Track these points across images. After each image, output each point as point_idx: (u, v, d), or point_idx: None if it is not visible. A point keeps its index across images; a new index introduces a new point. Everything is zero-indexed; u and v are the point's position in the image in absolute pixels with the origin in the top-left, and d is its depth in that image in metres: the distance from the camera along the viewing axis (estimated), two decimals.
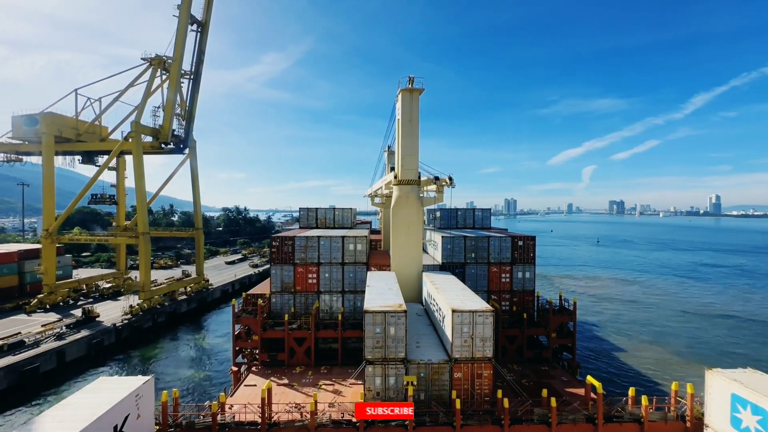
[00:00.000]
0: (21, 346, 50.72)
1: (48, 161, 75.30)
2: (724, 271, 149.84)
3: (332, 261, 42.78)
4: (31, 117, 74.54)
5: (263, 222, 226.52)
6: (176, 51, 75.15)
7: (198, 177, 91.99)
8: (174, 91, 77.62)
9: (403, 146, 42.81)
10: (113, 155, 78.78)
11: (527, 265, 44.46)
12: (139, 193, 74.73)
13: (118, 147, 75.85)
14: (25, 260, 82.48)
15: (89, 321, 62.88)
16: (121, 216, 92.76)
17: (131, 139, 72.61)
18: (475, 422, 26.48)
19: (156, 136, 77.80)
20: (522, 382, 34.23)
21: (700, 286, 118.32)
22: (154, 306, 72.60)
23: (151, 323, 69.78)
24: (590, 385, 28.36)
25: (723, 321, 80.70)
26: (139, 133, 73.01)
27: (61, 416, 19.07)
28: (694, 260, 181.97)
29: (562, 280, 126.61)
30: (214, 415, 26.03)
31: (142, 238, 73.53)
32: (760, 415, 20.88)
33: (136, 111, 75.90)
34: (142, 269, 74.01)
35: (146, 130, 75.34)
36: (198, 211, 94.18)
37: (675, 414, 27.60)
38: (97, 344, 57.46)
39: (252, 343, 40.21)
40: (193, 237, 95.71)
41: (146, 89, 75.46)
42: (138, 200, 76.01)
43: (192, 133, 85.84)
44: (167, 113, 77.87)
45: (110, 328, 61.64)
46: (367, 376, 27.78)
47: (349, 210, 60.05)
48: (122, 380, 24.11)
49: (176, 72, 76.27)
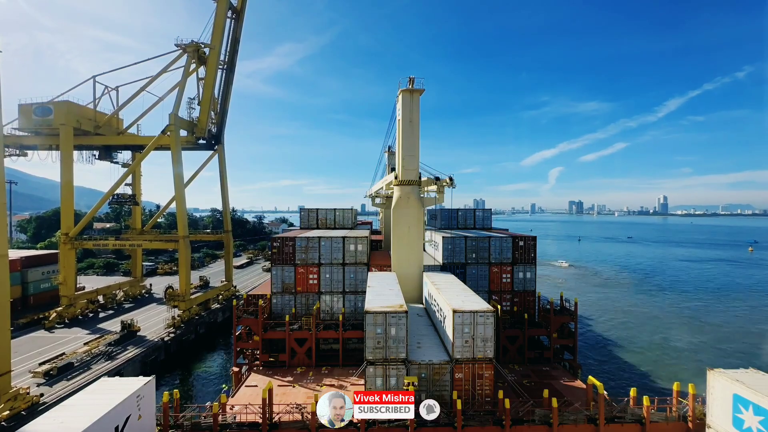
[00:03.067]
0: (70, 368, 45.84)
1: (67, 156, 68.13)
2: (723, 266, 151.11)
3: (333, 262, 42.77)
4: (44, 106, 67.56)
5: (252, 223, 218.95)
6: (214, 38, 69.82)
7: (226, 175, 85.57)
8: (213, 81, 72.09)
9: (404, 147, 42.83)
10: (148, 150, 70.15)
11: (528, 266, 44.42)
12: (178, 194, 69.22)
13: (154, 142, 68.18)
14: (29, 269, 74.78)
15: (131, 336, 57.00)
16: (137, 218, 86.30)
17: (169, 133, 66.30)
18: (477, 423, 26.46)
19: (191, 131, 72.47)
20: (523, 383, 34.19)
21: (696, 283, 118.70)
22: (192, 317, 66.79)
23: (194, 335, 63.86)
24: (592, 385, 28.31)
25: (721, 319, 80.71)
26: (178, 126, 67.62)
27: (63, 417, 19.08)
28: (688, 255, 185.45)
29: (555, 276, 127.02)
30: (215, 415, 26.05)
31: (182, 242, 67.51)
32: (762, 416, 20.83)
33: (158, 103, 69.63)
34: (182, 277, 67.75)
35: (183, 124, 70.04)
36: (227, 212, 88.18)
37: (677, 414, 27.55)
38: (152, 362, 52.72)
39: (253, 343, 40.20)
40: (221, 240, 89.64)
41: (182, 78, 68.98)
42: (177, 201, 70.13)
43: (225, 128, 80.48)
44: (204, 105, 72.53)
45: (159, 343, 55.85)
46: (368, 376, 27.78)
47: (349, 211, 60.08)
48: (123, 381, 24.13)
49: (215, 60, 70.87)
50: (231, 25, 73.23)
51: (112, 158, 79.42)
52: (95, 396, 21.48)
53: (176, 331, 60.77)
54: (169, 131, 66.44)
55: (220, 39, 70.37)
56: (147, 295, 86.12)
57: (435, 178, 43.65)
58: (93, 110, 72.01)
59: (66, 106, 67.50)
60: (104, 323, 65.12)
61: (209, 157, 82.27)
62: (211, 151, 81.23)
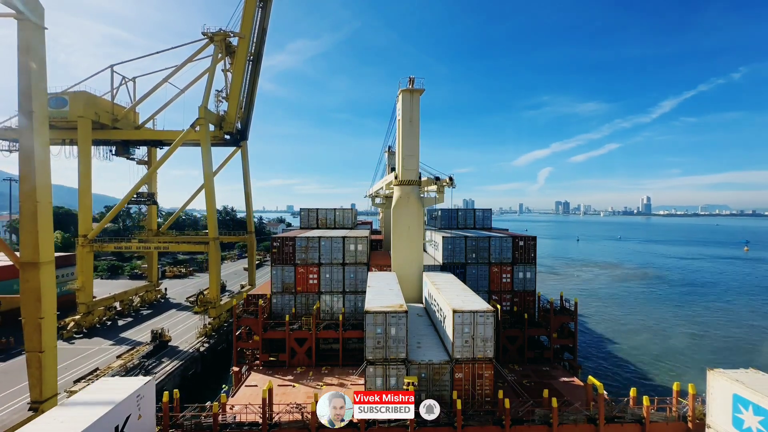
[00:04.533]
0: None
1: (85, 151, 64.08)
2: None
3: (333, 261, 42.76)
4: (59, 96, 63.20)
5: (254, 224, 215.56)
6: (244, 27, 65.97)
7: (249, 173, 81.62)
8: (242, 72, 68.24)
9: (404, 147, 42.85)
10: (176, 146, 65.39)
11: (528, 266, 44.43)
12: (208, 192, 65.68)
13: (183, 136, 64.00)
14: None
15: (163, 346, 53.21)
16: (153, 219, 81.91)
17: (198, 127, 62.85)
18: (476, 423, 26.45)
19: (219, 125, 68.79)
20: (523, 383, 34.19)
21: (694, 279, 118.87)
22: (222, 324, 62.94)
23: (225, 344, 58.53)
24: (591, 385, 28.33)
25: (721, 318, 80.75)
26: (208, 121, 64.23)
27: (63, 417, 19.08)
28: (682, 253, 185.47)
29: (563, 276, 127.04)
30: (215, 415, 26.05)
31: (212, 244, 64.38)
32: (762, 416, 20.84)
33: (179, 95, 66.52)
34: (212, 282, 64.24)
35: (211, 118, 66.52)
36: (250, 212, 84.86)
37: (676, 414, 27.54)
38: (192, 375, 49.78)
39: (253, 343, 40.21)
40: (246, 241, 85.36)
41: (211, 68, 65.56)
42: (207, 200, 66.52)
43: (250, 123, 76.67)
44: (233, 98, 68.79)
45: (195, 354, 52.22)
46: (368, 376, 27.79)
47: (350, 210, 60.08)
48: (123, 381, 24.14)
49: (245, 50, 67.16)
50: (259, 14, 69.33)
51: (129, 154, 74.93)
52: (95, 396, 21.47)
53: (209, 340, 57.41)
54: (198, 125, 62.93)
55: (250, 28, 66.53)
56: (163, 301, 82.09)
57: (435, 178, 43.66)
58: (111, 102, 67.79)
59: (84, 97, 63.18)
60: (126, 332, 61.40)
61: (231, 153, 78.77)
62: (233, 148, 77.61)
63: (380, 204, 79.25)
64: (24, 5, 29.20)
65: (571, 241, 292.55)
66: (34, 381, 30.57)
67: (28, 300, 30.54)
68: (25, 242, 30.49)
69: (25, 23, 29.60)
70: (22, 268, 30.56)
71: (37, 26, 30.25)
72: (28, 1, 29.54)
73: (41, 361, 30.66)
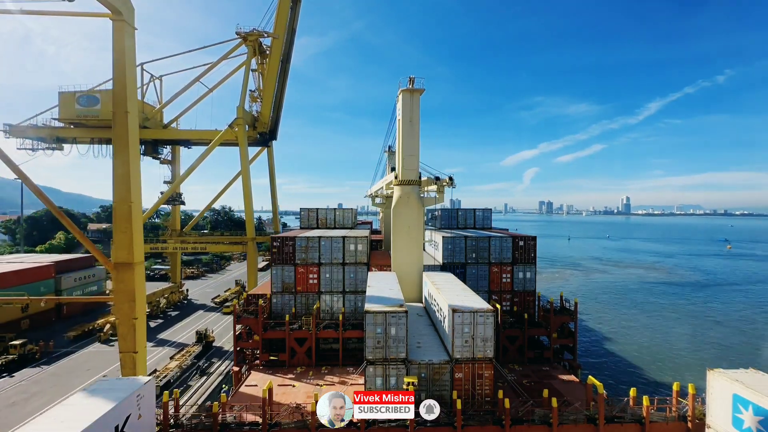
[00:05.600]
0: (170, 387, 44.00)
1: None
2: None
3: (333, 261, 42.76)
4: (90, 94, 63.21)
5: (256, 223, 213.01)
6: (277, 27, 66.40)
7: (275, 173, 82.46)
8: (276, 73, 68.53)
9: (404, 147, 42.83)
10: (213, 146, 65.50)
11: (528, 266, 44.43)
12: (246, 192, 66.36)
13: (221, 136, 64.76)
14: (62, 274, 67.83)
15: (209, 347, 53.92)
16: (176, 218, 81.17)
17: (237, 127, 63.53)
18: (476, 422, 26.44)
19: (253, 125, 69.68)
20: (523, 383, 34.17)
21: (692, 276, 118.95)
22: None
23: None
24: (591, 385, 28.32)
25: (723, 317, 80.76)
26: (245, 121, 64.83)
27: (63, 416, 19.07)
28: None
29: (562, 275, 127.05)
30: (215, 415, 26.04)
31: (251, 245, 65.75)
32: (762, 416, 20.83)
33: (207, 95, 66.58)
34: (251, 281, 64.82)
35: (248, 118, 66.96)
36: (276, 212, 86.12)
37: (676, 414, 27.54)
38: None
39: (253, 343, 40.23)
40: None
41: (246, 69, 66.09)
42: (245, 200, 67.09)
43: (280, 122, 76.90)
44: (266, 98, 69.41)
45: None
46: (368, 376, 27.79)
47: (350, 210, 60.09)
48: (123, 380, 24.11)
49: (278, 50, 67.34)
50: (289, 14, 69.76)
51: (157, 153, 74.82)
52: (95, 395, 21.45)
53: None
54: (236, 125, 63.47)
55: (283, 28, 66.87)
56: (185, 302, 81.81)
57: (435, 178, 43.66)
58: (141, 101, 67.86)
59: None
60: (162, 333, 61.35)
61: (257, 153, 79.20)
62: (258, 148, 78.07)
63: (380, 204, 79.24)
64: (121, 5, 29.73)
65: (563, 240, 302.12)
66: None
67: (121, 301, 31.06)
68: (119, 243, 31.11)
69: (119, 23, 30.14)
70: (115, 269, 31.13)
71: (130, 26, 30.90)
72: (124, 2, 30.13)
73: (136, 361, 31.50)
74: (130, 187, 30.95)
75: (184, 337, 58.85)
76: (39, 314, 63.02)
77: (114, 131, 31.55)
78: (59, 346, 56.66)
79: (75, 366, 50.71)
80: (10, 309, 59.16)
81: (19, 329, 60.28)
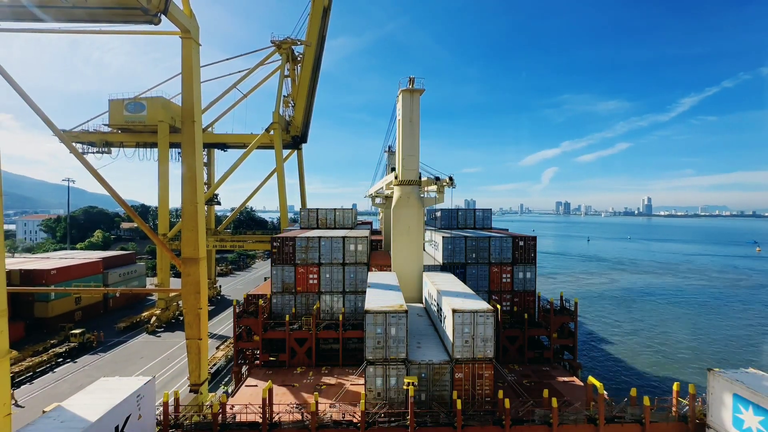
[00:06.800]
0: (218, 375, 46.68)
1: (164, 154, 67.94)
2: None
3: (333, 261, 42.76)
4: (137, 101, 67.44)
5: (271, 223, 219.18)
6: (310, 35, 69.77)
7: (304, 174, 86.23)
8: (309, 79, 71.91)
9: (404, 147, 42.83)
10: (251, 149, 69.27)
11: (528, 266, 44.42)
12: (281, 193, 69.33)
13: (257, 140, 68.42)
14: (109, 270, 74.41)
15: None
16: (212, 218, 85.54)
17: (273, 131, 67.26)
18: (477, 423, 26.43)
19: (287, 129, 73.19)
20: (523, 383, 34.17)
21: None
22: None
23: None
24: (592, 385, 28.30)
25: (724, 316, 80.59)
26: (281, 125, 68.41)
27: (63, 416, 19.09)
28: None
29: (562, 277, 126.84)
30: (215, 415, 26.04)
31: None
32: (762, 416, 20.84)
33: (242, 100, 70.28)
34: None
35: (282, 122, 70.64)
36: None
37: (677, 415, 27.51)
38: None
39: (253, 343, 40.22)
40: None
41: (280, 76, 69.73)
42: (280, 201, 70.08)
43: (310, 127, 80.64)
44: (300, 103, 73.04)
45: None
46: (368, 376, 27.78)
47: (350, 210, 60.12)
48: (123, 381, 24.11)
49: (311, 57, 70.89)
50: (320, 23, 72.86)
51: None
52: (95, 395, 21.47)
53: None
54: (273, 129, 67.37)
55: (316, 36, 70.03)
56: (219, 297, 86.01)
57: (435, 178, 43.68)
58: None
59: (161, 102, 66.97)
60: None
61: (288, 155, 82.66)
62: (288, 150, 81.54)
63: (380, 204, 79.21)
64: (190, 24, 31.47)
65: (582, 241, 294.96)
66: (193, 366, 33.81)
67: (188, 293, 33.56)
68: (187, 240, 33.44)
69: (188, 41, 32.04)
70: (184, 263, 33.38)
71: (196, 43, 32.89)
72: (191, 21, 31.81)
73: (200, 347, 33.87)
74: (196, 188, 33.15)
75: (223, 330, 62.15)
76: (89, 306, 69.14)
77: (182, 138, 33.81)
78: (109, 336, 61.44)
79: (129, 354, 55.04)
80: (66, 301, 65.30)
81: (74, 320, 65.82)
